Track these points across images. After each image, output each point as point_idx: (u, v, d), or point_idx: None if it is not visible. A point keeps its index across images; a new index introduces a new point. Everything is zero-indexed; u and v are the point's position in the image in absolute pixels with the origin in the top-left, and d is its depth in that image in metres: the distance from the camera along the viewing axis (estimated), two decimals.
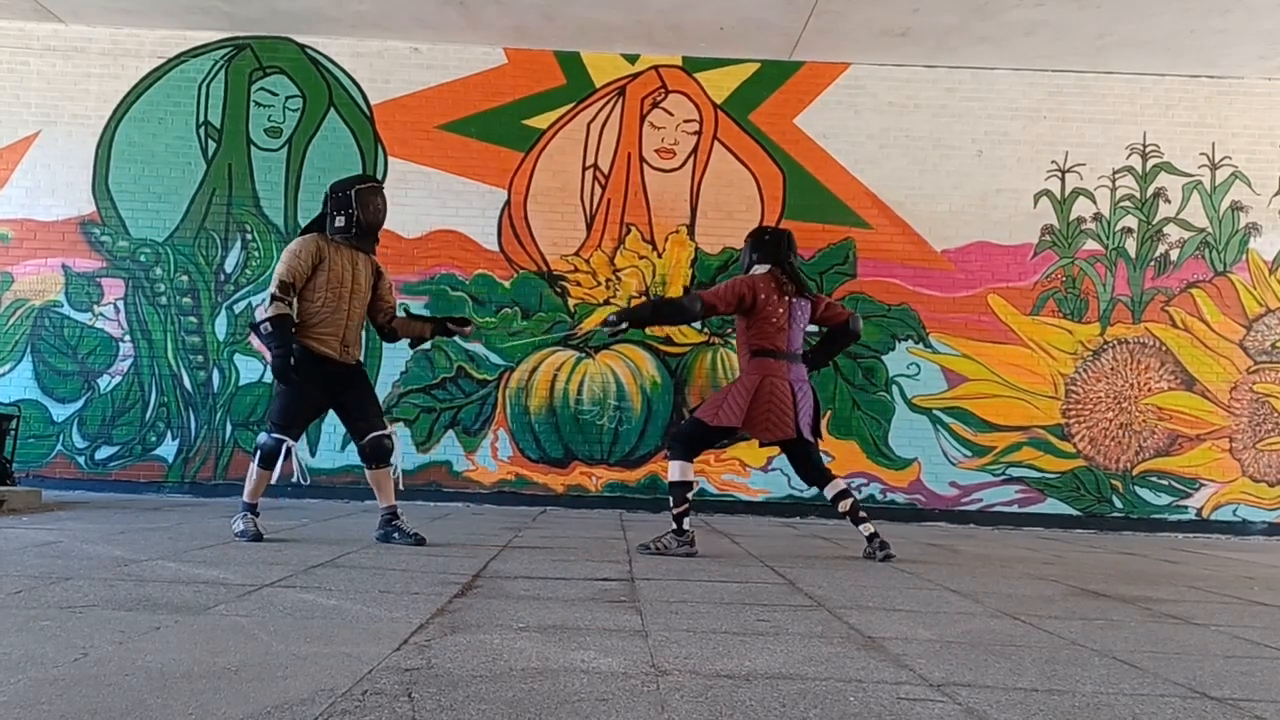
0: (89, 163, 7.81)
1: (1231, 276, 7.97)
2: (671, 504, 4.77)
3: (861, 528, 4.86)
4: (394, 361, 7.77)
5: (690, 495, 4.78)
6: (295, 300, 4.64)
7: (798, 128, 8.01)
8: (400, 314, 5.18)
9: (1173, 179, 8.05)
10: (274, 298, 4.55)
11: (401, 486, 4.98)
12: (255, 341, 4.63)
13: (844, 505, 4.87)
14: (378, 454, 4.77)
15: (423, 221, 7.86)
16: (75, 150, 7.81)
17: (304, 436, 5.19)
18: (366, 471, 4.86)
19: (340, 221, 4.75)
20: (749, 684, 2.16)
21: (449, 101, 7.96)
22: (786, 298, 4.85)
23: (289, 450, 4.66)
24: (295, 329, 4.62)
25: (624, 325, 4.67)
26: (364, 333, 5.01)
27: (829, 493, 4.93)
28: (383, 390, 7.72)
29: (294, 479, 4.95)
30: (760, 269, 4.93)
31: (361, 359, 4.95)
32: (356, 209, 4.74)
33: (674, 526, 4.75)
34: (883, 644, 2.69)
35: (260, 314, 4.63)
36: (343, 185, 4.83)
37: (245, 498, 4.75)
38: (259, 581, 3.37)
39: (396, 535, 4.73)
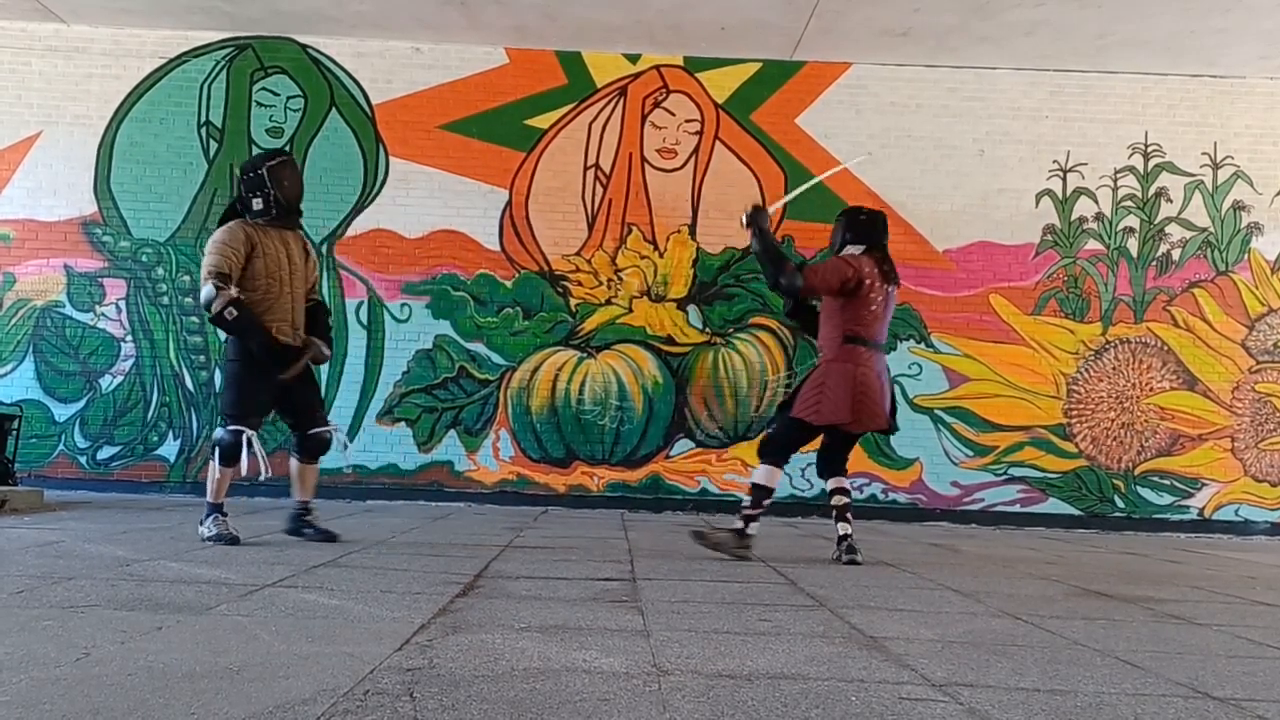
0: (91, 163, 7.82)
1: (1233, 276, 7.97)
2: (746, 503, 4.64)
3: (840, 526, 4.71)
4: (395, 361, 7.77)
5: (768, 502, 4.65)
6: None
7: (799, 127, 8.01)
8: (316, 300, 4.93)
9: (1174, 179, 8.04)
10: (217, 287, 4.31)
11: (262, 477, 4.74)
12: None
13: (839, 500, 4.75)
14: (315, 449, 4.73)
15: (424, 221, 7.86)
16: (77, 150, 7.81)
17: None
18: (297, 462, 4.76)
19: (258, 204, 4.47)
20: (751, 684, 2.16)
21: (450, 101, 7.96)
22: (885, 285, 4.66)
23: (249, 442, 4.47)
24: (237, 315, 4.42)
25: (761, 232, 4.61)
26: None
27: (831, 484, 4.82)
28: (384, 390, 7.73)
29: (260, 476, 4.62)
30: (855, 249, 4.71)
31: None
32: (272, 187, 4.46)
33: (739, 525, 4.61)
34: (884, 644, 2.69)
35: (216, 305, 4.34)
36: (253, 165, 4.55)
37: (210, 499, 4.55)
38: (261, 581, 3.37)
39: (308, 531, 4.71)
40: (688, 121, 8.02)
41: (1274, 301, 7.95)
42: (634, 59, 8.03)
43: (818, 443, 4.87)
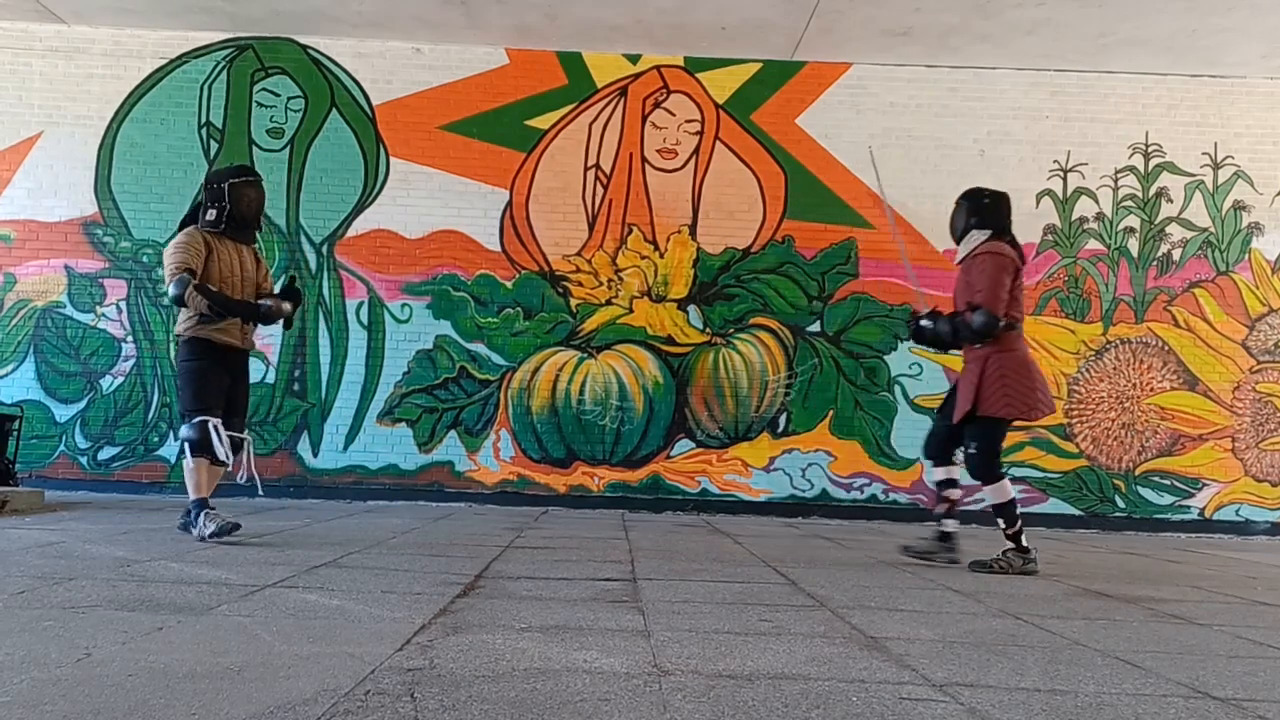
0: (91, 163, 7.82)
1: (1234, 276, 7.97)
2: (1004, 525, 4.53)
3: (944, 523, 4.64)
4: (396, 362, 7.78)
5: (1019, 511, 4.55)
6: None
7: (799, 127, 8.01)
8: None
9: (1175, 178, 8.04)
10: (185, 280, 4.53)
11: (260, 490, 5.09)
12: (181, 327, 4.65)
13: (952, 493, 4.65)
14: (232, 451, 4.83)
15: (424, 222, 7.87)
16: (77, 151, 7.82)
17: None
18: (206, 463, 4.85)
19: (211, 215, 4.75)
20: (751, 684, 2.16)
21: (451, 102, 7.96)
22: (1022, 265, 4.60)
23: (218, 429, 4.60)
24: (187, 323, 4.68)
25: (933, 325, 4.57)
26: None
27: (941, 474, 4.73)
28: (384, 391, 7.73)
29: (227, 464, 4.71)
30: (981, 235, 4.62)
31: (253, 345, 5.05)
32: (229, 203, 4.73)
33: (1011, 546, 4.52)
34: (885, 644, 2.69)
35: (192, 296, 4.54)
36: (218, 177, 4.82)
37: (192, 495, 4.64)
38: (262, 582, 3.37)
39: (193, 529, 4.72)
40: (688, 122, 8.02)
41: (1274, 301, 7.95)
42: (634, 59, 8.03)
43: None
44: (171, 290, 4.58)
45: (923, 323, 4.70)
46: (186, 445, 4.62)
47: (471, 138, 7.94)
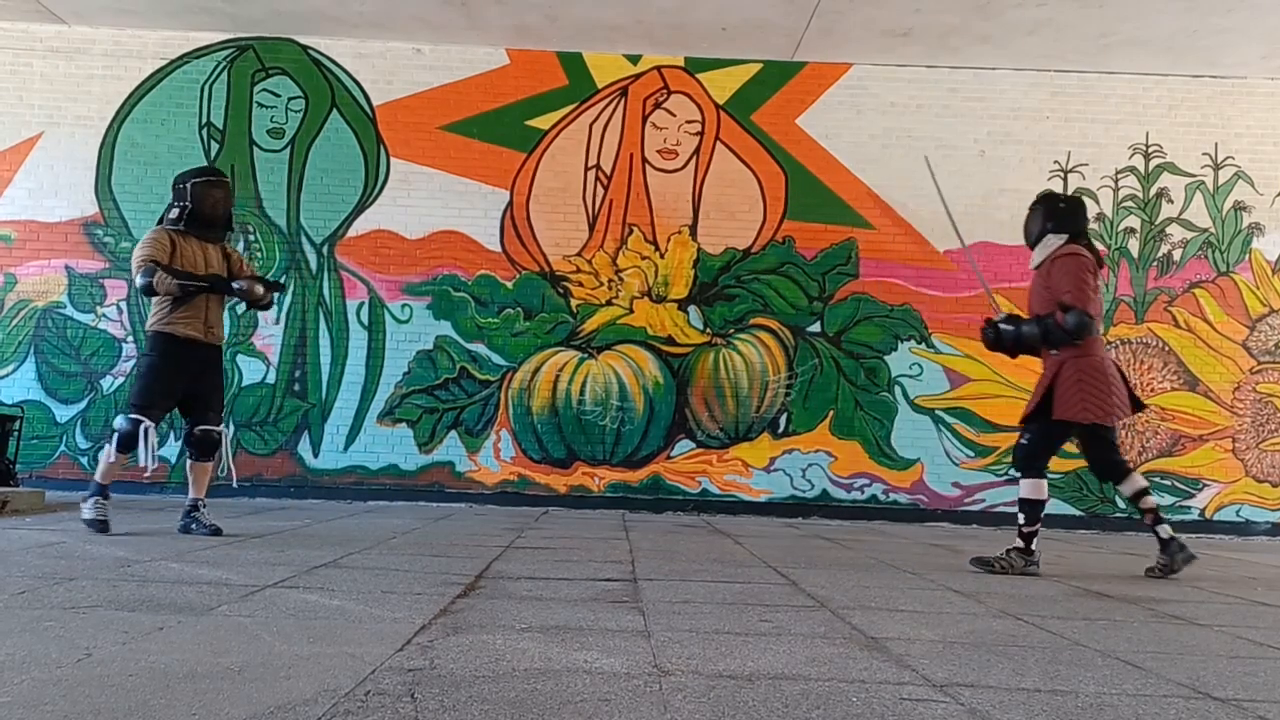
0: (92, 164, 7.83)
1: (1234, 276, 7.97)
2: (1022, 521, 4.50)
3: (1161, 531, 4.52)
4: (396, 362, 7.78)
5: (1043, 514, 4.54)
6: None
7: (800, 128, 8.01)
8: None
9: (1175, 179, 8.04)
10: (151, 269, 4.66)
11: (234, 484, 5.20)
12: (151, 323, 4.80)
13: (1148, 502, 4.55)
14: (205, 448, 4.91)
15: (425, 222, 7.87)
16: (78, 151, 7.82)
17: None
18: (189, 461, 4.96)
19: (174, 213, 4.87)
20: (752, 684, 2.16)
21: (451, 102, 7.96)
22: (1100, 269, 4.57)
23: (146, 433, 4.70)
24: (154, 318, 4.81)
25: (1012, 330, 4.48)
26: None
27: (1128, 488, 4.60)
28: (385, 391, 7.74)
29: (145, 471, 4.80)
30: (1058, 239, 4.57)
31: (224, 340, 5.12)
32: (190, 201, 4.84)
33: (1019, 545, 4.49)
34: (885, 644, 2.69)
35: (161, 280, 4.67)
36: (182, 178, 4.94)
37: (97, 478, 4.80)
38: (262, 582, 3.38)
39: (194, 526, 4.85)
40: (688, 122, 8.02)
41: (1275, 302, 7.95)
42: (635, 60, 8.03)
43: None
44: (139, 280, 4.72)
45: (1003, 326, 4.58)
46: (115, 435, 4.74)
47: (472, 138, 7.94)
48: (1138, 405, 4.65)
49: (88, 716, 1.75)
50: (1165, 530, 4.53)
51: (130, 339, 7.72)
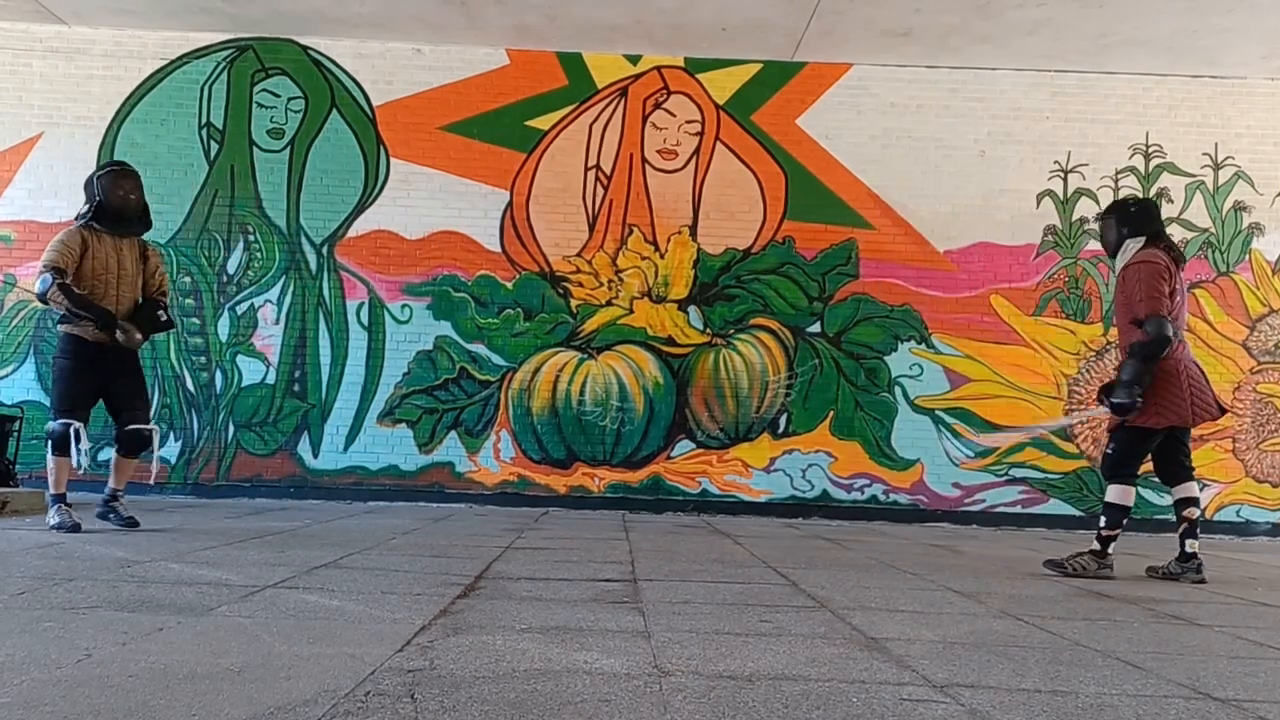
0: (92, 164, 7.77)
1: (1234, 277, 7.97)
2: (1103, 524, 4.50)
3: (1187, 544, 4.48)
4: (396, 363, 7.77)
5: (1125, 521, 4.52)
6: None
7: (800, 128, 8.01)
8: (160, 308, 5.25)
9: (1175, 179, 8.04)
10: (54, 278, 4.67)
11: (153, 482, 5.24)
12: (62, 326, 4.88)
13: (1190, 512, 4.52)
14: (133, 444, 4.99)
15: (425, 223, 7.87)
16: (78, 152, 7.82)
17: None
18: (115, 455, 5.05)
19: (84, 209, 4.87)
20: (752, 685, 2.16)
21: (451, 102, 7.96)
22: (1179, 270, 4.50)
23: (78, 432, 4.77)
24: (63, 318, 4.84)
25: (1135, 400, 4.37)
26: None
27: (1179, 493, 4.58)
28: (385, 391, 7.73)
29: (78, 469, 4.90)
30: (1136, 243, 4.54)
31: (139, 343, 5.07)
32: (100, 195, 4.83)
33: (1096, 547, 4.49)
34: (885, 645, 2.69)
35: (53, 291, 4.70)
36: (92, 174, 4.95)
37: (51, 489, 4.85)
38: (262, 582, 3.37)
39: (112, 516, 4.96)
40: (688, 122, 8.02)
41: (1275, 302, 7.95)
42: (634, 60, 8.03)
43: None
44: (37, 286, 4.75)
45: (1113, 400, 4.47)
46: (50, 440, 4.81)
47: (472, 138, 7.94)
48: (1220, 409, 4.59)
49: (87, 717, 1.75)
50: (1192, 545, 4.50)
51: None
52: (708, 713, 1.92)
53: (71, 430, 4.75)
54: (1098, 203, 8.00)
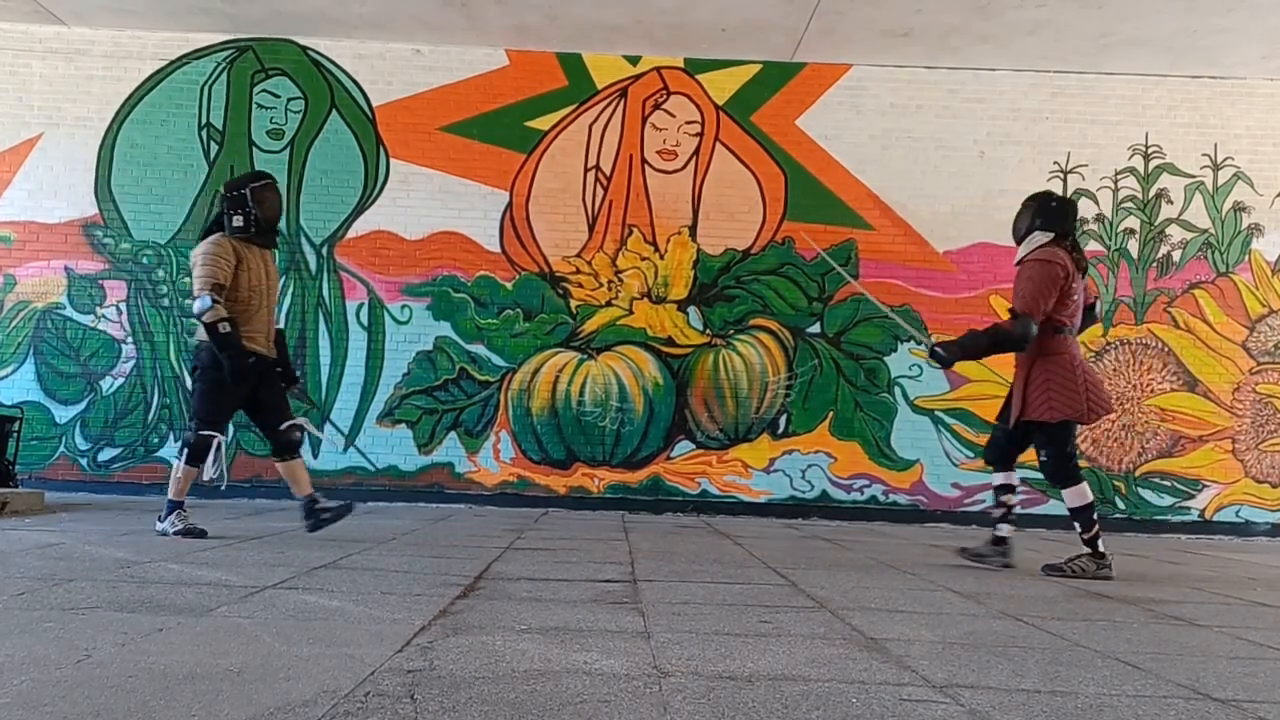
0: (91, 165, 7.82)
1: (1234, 277, 7.97)
2: (1080, 529, 4.54)
3: (999, 528, 4.66)
4: (396, 363, 7.77)
5: (1096, 515, 4.55)
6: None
7: (799, 129, 8.01)
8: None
9: (1175, 180, 8.04)
10: (214, 300, 4.57)
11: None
12: (201, 334, 4.69)
13: (1009, 498, 4.67)
14: (291, 446, 4.90)
15: (424, 223, 7.87)
16: (78, 152, 7.82)
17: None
18: (279, 464, 4.95)
19: (238, 221, 4.75)
20: (751, 685, 2.16)
21: (451, 103, 7.96)
22: (1078, 273, 4.59)
23: (218, 446, 4.73)
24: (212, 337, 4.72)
25: (954, 351, 4.60)
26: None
27: (1000, 479, 4.74)
28: (384, 392, 7.73)
29: (217, 482, 4.88)
30: (1044, 237, 4.60)
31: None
32: (254, 207, 4.75)
33: (1089, 550, 4.52)
34: (885, 645, 2.69)
35: (209, 317, 4.58)
36: (237, 184, 4.84)
37: (171, 496, 4.78)
38: (261, 583, 3.37)
39: (327, 515, 4.86)
40: (688, 123, 8.02)
41: (1275, 302, 7.95)
42: (634, 60, 8.03)
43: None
44: (197, 306, 4.60)
45: (938, 350, 4.68)
46: (185, 450, 4.72)
47: (471, 139, 7.94)
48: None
49: (87, 717, 1.75)
50: (1005, 530, 4.67)
51: (129, 340, 7.72)
52: (707, 713, 1.93)
53: (214, 443, 4.70)
54: (1097, 203, 8.01)
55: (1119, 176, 8.03)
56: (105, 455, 7.65)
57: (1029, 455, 4.83)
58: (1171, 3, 6.80)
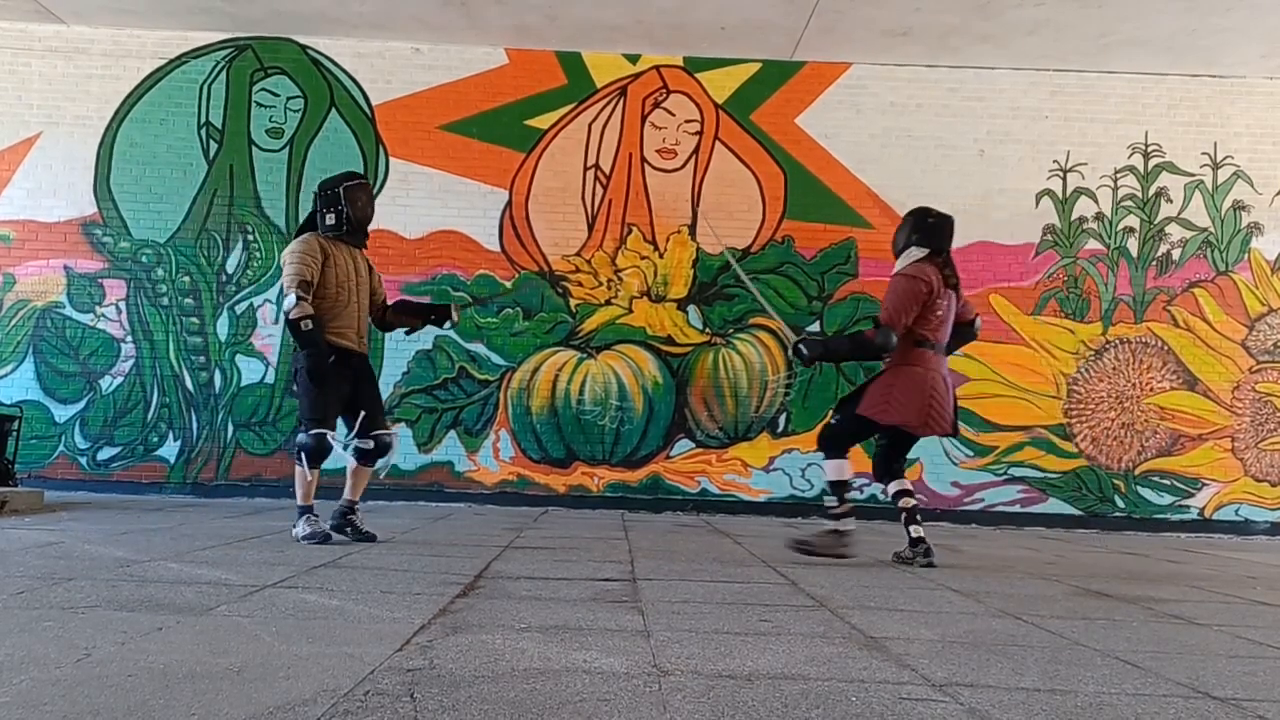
0: (91, 164, 7.82)
1: (1233, 276, 7.97)
2: (830, 504, 4.67)
3: (912, 529, 4.69)
4: (396, 362, 7.77)
5: (850, 494, 4.67)
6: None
7: (799, 127, 8.01)
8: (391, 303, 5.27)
9: (1174, 178, 8.04)
10: (299, 297, 4.58)
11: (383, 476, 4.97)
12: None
13: (906, 503, 4.71)
14: (376, 452, 4.89)
15: (424, 222, 7.86)
16: (77, 151, 7.81)
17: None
18: (355, 465, 4.95)
19: (331, 219, 4.79)
20: (751, 684, 2.16)
21: (450, 102, 7.96)
22: (947, 289, 4.65)
23: (330, 441, 4.72)
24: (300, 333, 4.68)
25: (819, 351, 4.67)
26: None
27: (894, 488, 4.79)
28: (384, 391, 7.71)
29: (343, 449, 4.85)
30: (918, 252, 4.69)
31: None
32: (345, 206, 4.79)
33: (832, 526, 4.62)
34: (885, 644, 2.69)
35: (295, 313, 4.57)
36: (331, 183, 4.87)
37: (300, 501, 4.78)
38: (261, 582, 3.37)
39: (349, 530, 4.86)
40: (687, 122, 8.02)
41: (1274, 301, 7.95)
42: (634, 59, 8.03)
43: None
44: (287, 301, 4.62)
45: (802, 347, 4.72)
46: (302, 454, 4.71)
47: (471, 138, 7.94)
48: (955, 429, 4.79)
49: (87, 717, 1.75)
50: (916, 531, 4.69)
51: (129, 339, 7.72)
52: (707, 712, 1.93)
53: (327, 440, 4.70)
54: (1097, 202, 8.01)
55: (1119, 175, 8.04)
56: (104, 454, 7.65)
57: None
58: (1171, 2, 6.80)
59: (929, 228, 4.75)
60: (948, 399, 4.65)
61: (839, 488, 4.68)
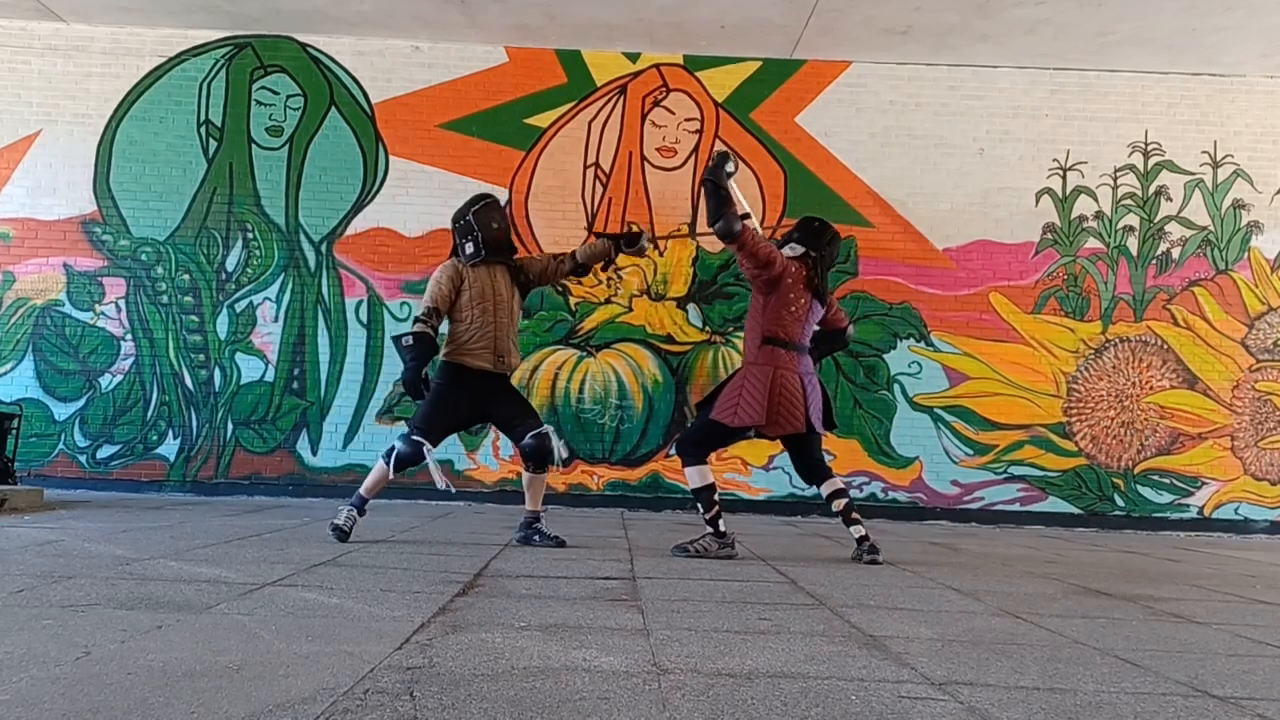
0: (90, 162, 7.81)
1: (1233, 274, 7.97)
2: (701, 510, 4.70)
3: (852, 529, 4.72)
4: (395, 360, 7.68)
5: (716, 496, 4.70)
6: (440, 324, 4.85)
7: (799, 126, 8.01)
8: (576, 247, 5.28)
9: (1174, 177, 8.04)
10: (418, 319, 4.77)
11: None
12: (442, 351, 4.83)
13: (838, 504, 4.75)
14: (538, 456, 4.93)
15: (424, 220, 7.85)
16: (76, 149, 7.81)
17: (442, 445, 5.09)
18: (525, 474, 5.02)
19: (469, 248, 4.89)
20: (750, 683, 2.16)
21: (450, 100, 7.95)
22: (807, 291, 4.66)
23: (429, 453, 4.74)
24: (447, 348, 4.85)
25: (718, 172, 4.49)
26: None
27: (825, 490, 4.81)
28: (384, 389, 7.73)
29: (441, 486, 4.82)
30: (794, 250, 4.73)
31: (516, 366, 5.14)
32: (479, 231, 4.88)
33: (710, 530, 4.66)
34: (884, 642, 2.69)
35: (405, 332, 4.78)
36: (461, 213, 4.98)
37: (362, 491, 4.84)
38: (261, 580, 3.37)
39: (537, 538, 4.92)
40: (687, 120, 8.01)
41: (1274, 300, 7.95)
42: (634, 58, 8.02)
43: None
44: (416, 317, 4.84)
45: (728, 167, 4.54)
46: (394, 456, 4.75)
47: (471, 136, 7.93)
48: (828, 425, 4.83)
49: (86, 715, 1.75)
50: (857, 530, 4.70)
51: (128, 337, 7.71)
52: (706, 710, 1.93)
53: (424, 451, 4.72)
54: (1096, 200, 8.01)
55: (1118, 174, 8.03)
56: (104, 452, 7.65)
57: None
58: (1171, 1, 6.79)
59: (812, 230, 4.82)
60: (802, 396, 4.62)
61: (703, 493, 4.67)
